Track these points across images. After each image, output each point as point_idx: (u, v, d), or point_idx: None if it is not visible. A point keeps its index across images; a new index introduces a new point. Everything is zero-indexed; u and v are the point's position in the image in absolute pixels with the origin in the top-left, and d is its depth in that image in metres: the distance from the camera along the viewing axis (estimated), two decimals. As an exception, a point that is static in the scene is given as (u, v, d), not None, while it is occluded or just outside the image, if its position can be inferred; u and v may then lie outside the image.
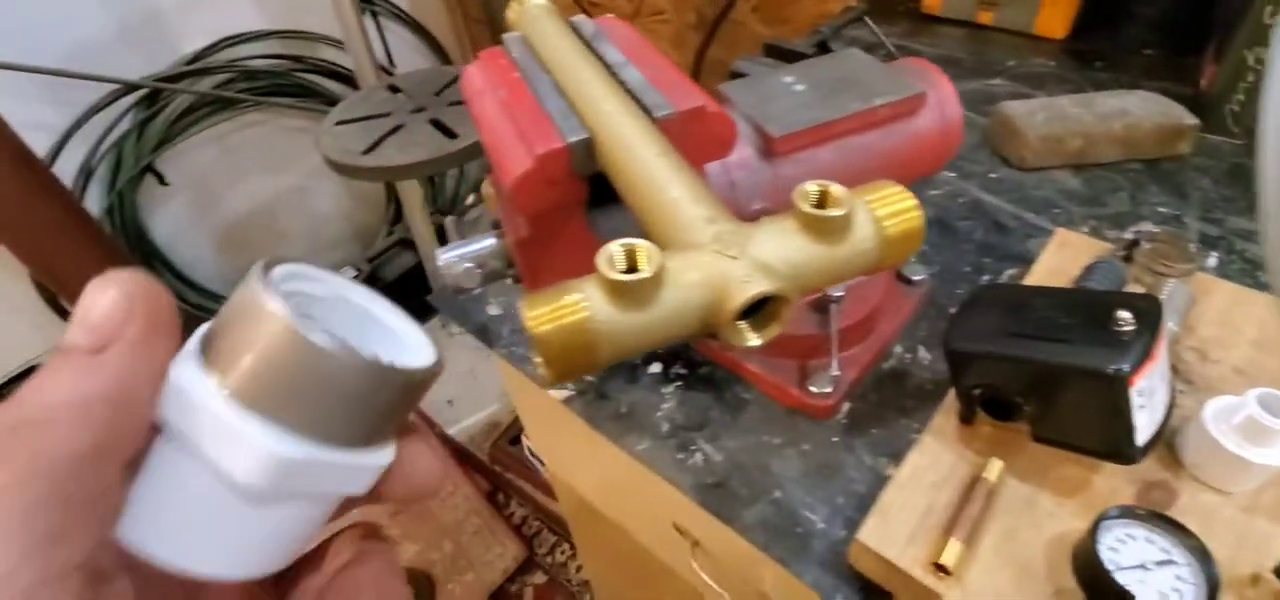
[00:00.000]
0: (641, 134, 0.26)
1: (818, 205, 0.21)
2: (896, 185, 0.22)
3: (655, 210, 0.23)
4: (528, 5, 0.37)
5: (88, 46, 1.37)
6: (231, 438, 0.15)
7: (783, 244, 0.21)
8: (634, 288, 0.19)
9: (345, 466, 0.16)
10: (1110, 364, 0.30)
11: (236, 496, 0.15)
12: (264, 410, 0.15)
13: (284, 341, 0.15)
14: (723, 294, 0.20)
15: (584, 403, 0.49)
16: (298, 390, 0.15)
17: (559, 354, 0.19)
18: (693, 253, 0.21)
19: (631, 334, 0.20)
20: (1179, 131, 0.61)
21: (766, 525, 0.41)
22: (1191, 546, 0.31)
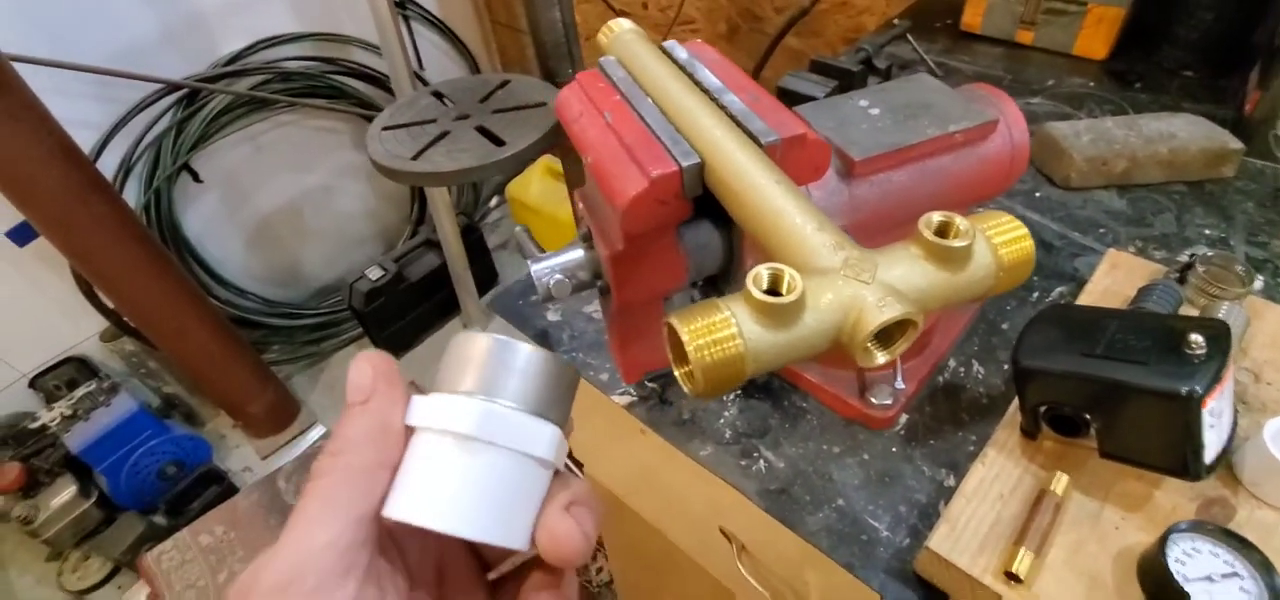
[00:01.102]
0: (754, 161, 0.28)
1: (938, 234, 0.23)
2: (1009, 216, 0.24)
3: (780, 234, 0.25)
4: (619, 31, 0.38)
5: (132, 47, 1.40)
6: (455, 408, 0.21)
7: (909, 270, 0.23)
8: (779, 309, 0.21)
9: (532, 426, 0.21)
10: (1185, 386, 0.32)
11: (462, 447, 0.20)
12: (474, 389, 0.21)
13: (474, 347, 0.21)
14: (858, 317, 0.21)
15: (647, 408, 0.51)
16: (489, 373, 0.21)
17: (712, 368, 0.21)
18: (825, 277, 0.23)
19: (773, 351, 0.22)
20: (1224, 155, 0.62)
21: (831, 531, 0.42)
22: (1256, 560, 0.32)
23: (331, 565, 0.19)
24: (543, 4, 0.99)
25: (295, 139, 1.73)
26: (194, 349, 1.50)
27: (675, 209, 0.31)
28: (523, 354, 0.21)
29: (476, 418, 0.20)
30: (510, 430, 0.21)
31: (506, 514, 0.21)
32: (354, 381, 0.22)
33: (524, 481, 0.21)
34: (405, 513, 0.20)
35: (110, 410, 1.50)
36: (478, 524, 0.20)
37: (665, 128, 0.32)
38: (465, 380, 0.21)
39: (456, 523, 0.20)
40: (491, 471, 0.20)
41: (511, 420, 0.21)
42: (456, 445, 0.20)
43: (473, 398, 0.21)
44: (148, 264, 1.35)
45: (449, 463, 0.20)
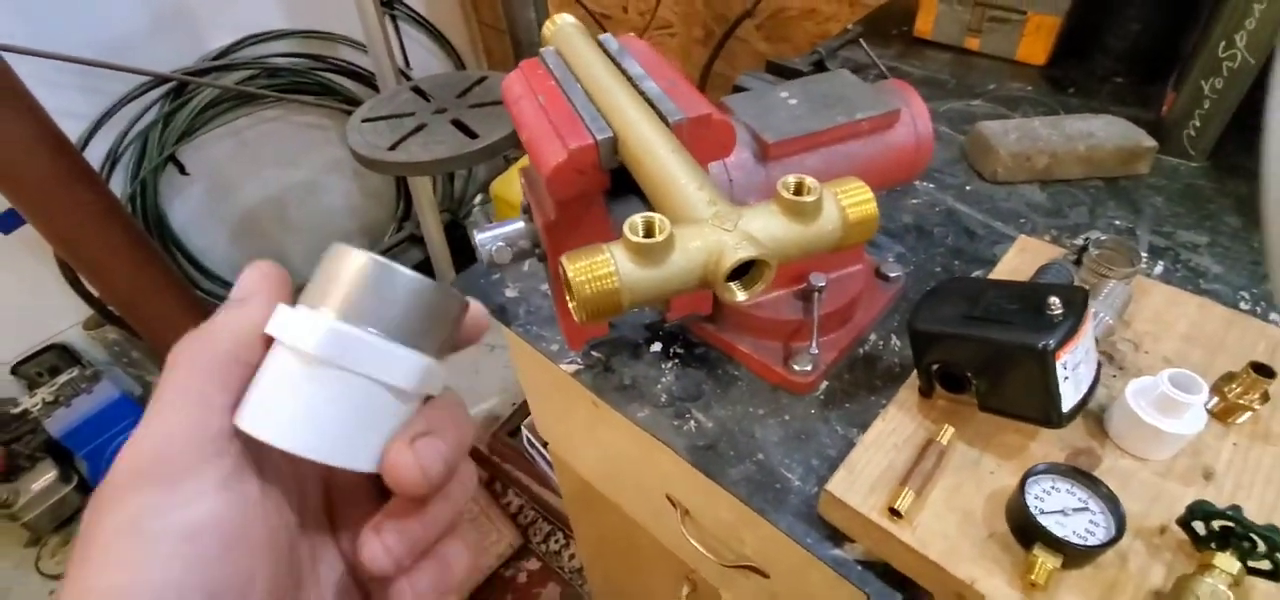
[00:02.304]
0: (657, 134, 0.32)
1: (795, 192, 0.27)
2: (858, 180, 0.29)
3: (668, 194, 0.29)
4: (561, 25, 0.43)
5: (120, 39, 1.43)
6: (304, 324, 0.20)
7: (767, 222, 0.27)
8: (650, 248, 0.25)
9: (391, 353, 0.21)
10: (1040, 340, 0.36)
11: (309, 366, 0.20)
12: (335, 311, 0.20)
13: (346, 264, 0.21)
14: (718, 257, 0.26)
15: (592, 375, 0.55)
16: (355, 294, 0.20)
17: (591, 298, 0.25)
18: (696, 225, 0.27)
19: (647, 285, 0.26)
20: (1138, 153, 0.67)
21: (749, 481, 0.46)
22: (1103, 494, 0.37)
23: (197, 448, 0.19)
24: (519, 4, 1.04)
25: (281, 134, 1.77)
26: (178, 338, 1.52)
27: (594, 178, 0.35)
28: (392, 275, 0.21)
29: (322, 338, 0.20)
30: (359, 354, 0.20)
31: (347, 437, 0.20)
32: (241, 281, 0.22)
33: (372, 406, 0.21)
34: (246, 423, 0.20)
35: (92, 397, 1.52)
36: (315, 444, 0.20)
37: (588, 108, 0.36)
38: (328, 298, 0.20)
39: (293, 441, 0.20)
40: (334, 393, 0.20)
41: (363, 343, 0.20)
42: (301, 364, 0.20)
43: (325, 316, 0.20)
44: (133, 253, 1.37)
45: (292, 380, 0.20)
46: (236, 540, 0.19)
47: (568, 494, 1.01)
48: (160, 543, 0.18)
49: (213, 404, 0.20)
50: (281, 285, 0.23)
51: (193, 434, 0.19)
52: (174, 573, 0.17)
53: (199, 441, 0.19)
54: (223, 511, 0.19)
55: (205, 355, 0.20)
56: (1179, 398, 0.38)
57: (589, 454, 0.81)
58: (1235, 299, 0.54)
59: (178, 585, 0.17)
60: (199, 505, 0.18)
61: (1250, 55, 0.61)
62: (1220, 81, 0.65)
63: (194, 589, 0.18)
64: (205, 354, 0.20)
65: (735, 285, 0.27)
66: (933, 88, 0.86)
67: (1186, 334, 0.47)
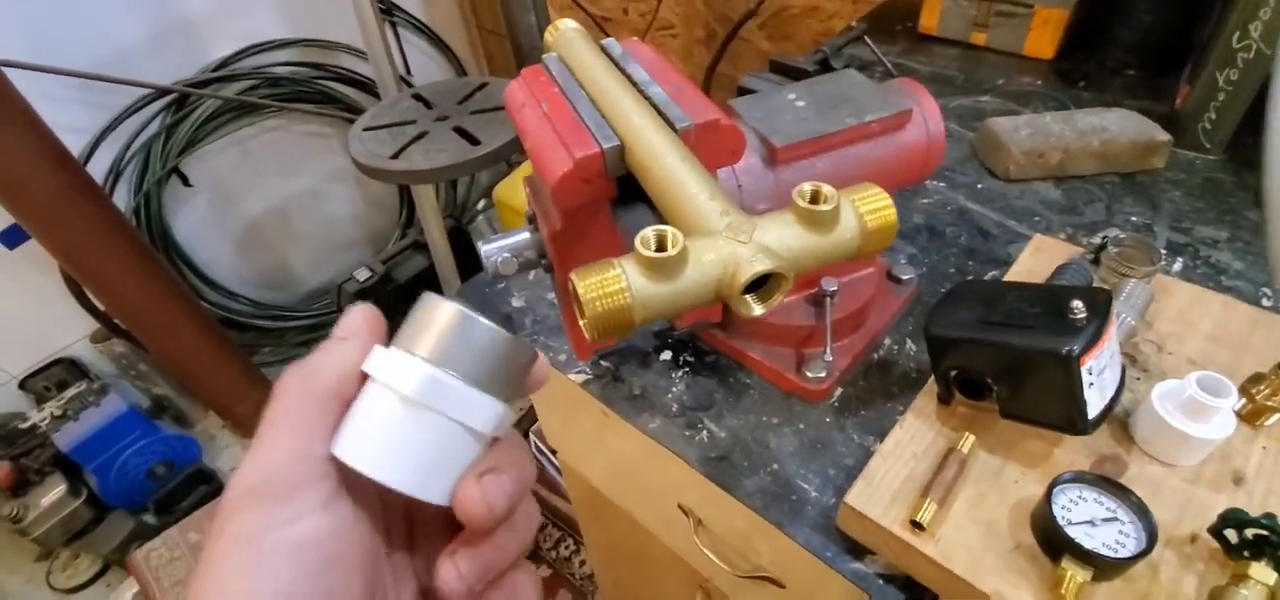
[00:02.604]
0: (666, 142, 0.31)
1: (811, 201, 0.26)
2: (876, 187, 0.27)
3: (678, 203, 0.28)
4: (563, 30, 0.42)
5: (121, 53, 1.43)
6: (401, 368, 0.22)
7: (782, 232, 0.26)
8: (663, 263, 0.24)
9: (476, 400, 0.23)
10: (1063, 346, 0.35)
11: (403, 406, 0.22)
12: (427, 357, 0.22)
13: (438, 313, 0.23)
14: (734, 271, 0.25)
15: (601, 385, 0.54)
16: (444, 342, 0.22)
17: (603, 315, 0.24)
18: (709, 237, 0.26)
19: (660, 300, 0.25)
20: (1153, 147, 0.66)
21: (764, 493, 0.45)
22: (1133, 504, 0.36)
23: (301, 473, 0.21)
24: (519, 9, 1.03)
25: (283, 143, 1.77)
26: (184, 350, 1.53)
27: (600, 187, 0.34)
28: (478, 328, 0.22)
29: (418, 382, 0.22)
30: (448, 399, 0.22)
31: (429, 472, 0.22)
32: (343, 321, 0.24)
33: (453, 446, 0.23)
34: (343, 452, 0.22)
35: (100, 410, 1.52)
36: (401, 477, 0.22)
37: (593, 115, 0.35)
38: (420, 343, 0.22)
39: (383, 472, 0.21)
40: (422, 431, 0.22)
41: (452, 390, 0.22)
42: (396, 403, 0.22)
43: (420, 361, 0.22)
44: (138, 266, 1.37)
45: (386, 417, 0.22)
46: (336, 556, 0.21)
47: (577, 501, 1.00)
48: (272, 555, 0.20)
49: (316, 432, 0.22)
50: (378, 327, 0.25)
51: (298, 458, 0.21)
52: (283, 582, 0.20)
53: (304, 465, 0.21)
54: (325, 529, 0.21)
55: (309, 387, 0.23)
56: (1207, 402, 0.37)
57: (598, 462, 0.80)
58: (1257, 295, 0.52)
59: (287, 593, 0.20)
60: (305, 522, 0.21)
61: (1266, 45, 0.60)
62: (1235, 73, 0.63)
63: (300, 597, 0.20)
64: (309, 386, 0.23)
65: (751, 298, 0.26)
66: (940, 84, 0.84)
67: (1211, 334, 0.46)
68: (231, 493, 0.21)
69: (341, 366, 0.23)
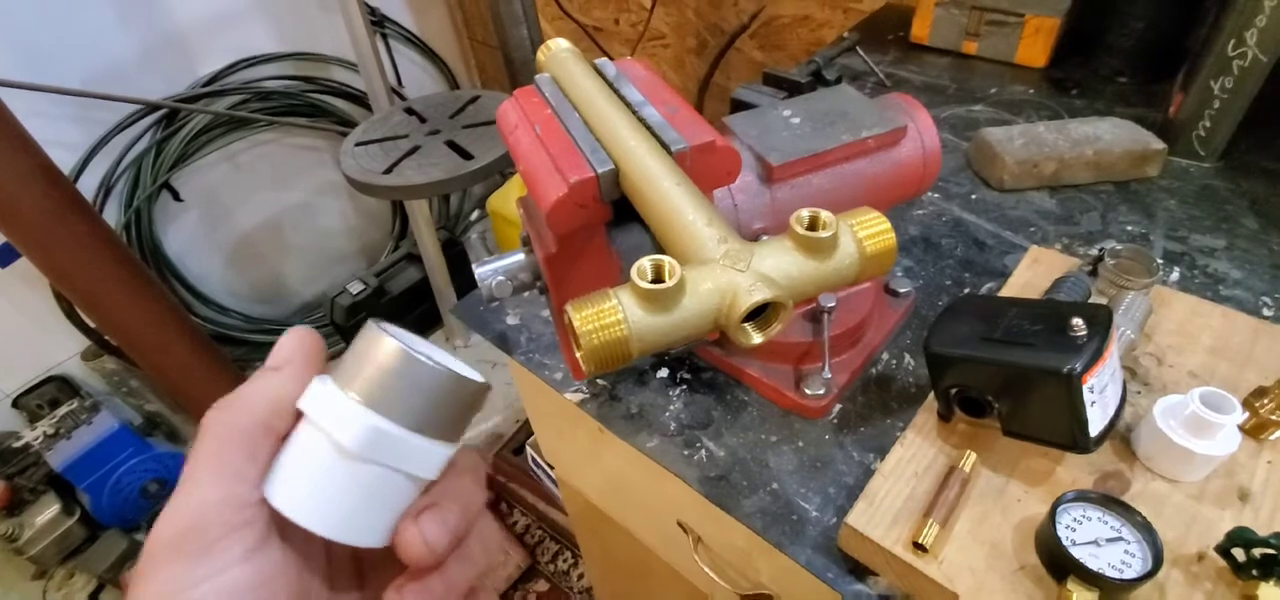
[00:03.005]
0: (661, 165, 0.31)
1: (809, 228, 0.26)
2: (875, 211, 0.27)
3: (674, 230, 0.28)
4: (555, 50, 0.41)
5: (111, 69, 1.42)
6: (339, 414, 0.21)
7: (780, 259, 0.26)
8: (660, 295, 0.24)
9: (419, 448, 0.21)
10: (1065, 364, 0.35)
11: (341, 457, 0.21)
12: (367, 400, 0.21)
13: (380, 350, 0.21)
14: (732, 300, 0.24)
15: (597, 404, 0.53)
16: (387, 384, 0.21)
17: (599, 349, 0.24)
18: (707, 266, 0.25)
19: (657, 333, 0.24)
20: (1147, 155, 0.66)
21: (764, 513, 0.45)
22: (1138, 523, 0.35)
23: (224, 521, 0.20)
24: (510, 22, 1.03)
25: (275, 157, 1.76)
26: (175, 367, 1.51)
27: (595, 211, 0.34)
28: (422, 370, 0.21)
29: (358, 432, 0.20)
30: (389, 450, 0.21)
31: (366, 519, 0.21)
32: (277, 349, 0.23)
33: (391, 492, 0.22)
34: (274, 499, 0.21)
35: (92, 428, 1.51)
36: (336, 526, 0.21)
37: (587, 138, 0.35)
38: (359, 383, 0.21)
39: (316, 521, 0.21)
40: (359, 482, 0.21)
41: (394, 440, 0.21)
42: (333, 451, 0.21)
43: (359, 408, 0.20)
44: (129, 283, 1.36)
45: (322, 465, 0.21)
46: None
47: (574, 516, 1.00)
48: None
49: (243, 476, 0.21)
50: (316, 354, 0.23)
51: (223, 505, 0.20)
52: None
53: (226, 511, 0.20)
54: (249, 579, 0.20)
55: (236, 423, 0.21)
56: (1211, 418, 0.36)
57: (596, 478, 0.79)
58: (1257, 305, 0.52)
59: None
60: (228, 575, 0.20)
61: (1262, 53, 0.60)
62: (1230, 80, 0.63)
63: None
64: (236, 421, 0.21)
65: (750, 327, 0.25)
66: (932, 94, 0.84)
67: (1211, 346, 0.46)
68: (152, 545, 0.20)
69: (272, 400, 0.22)
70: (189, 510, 0.20)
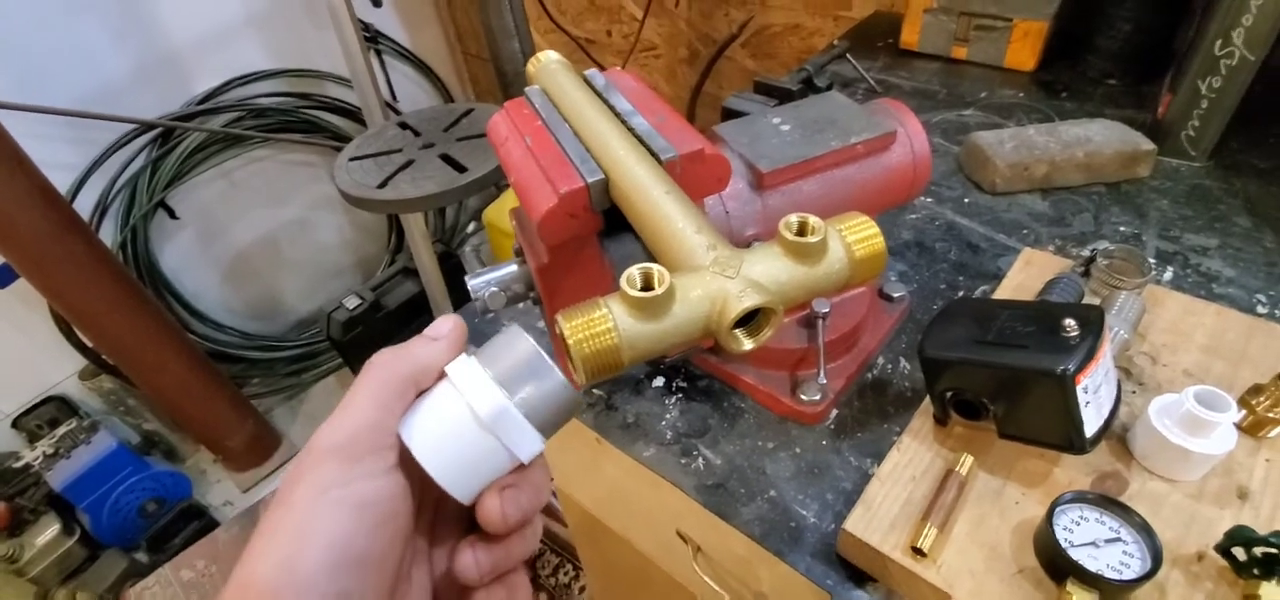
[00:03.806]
0: (650, 174, 0.31)
1: (798, 233, 0.26)
2: (863, 216, 0.27)
3: (664, 238, 0.28)
4: (545, 62, 0.42)
5: (106, 89, 1.43)
6: (482, 390, 0.25)
7: (770, 265, 0.26)
8: (650, 303, 0.24)
9: (528, 434, 0.25)
10: (1059, 365, 0.35)
11: (470, 420, 0.25)
12: (501, 383, 0.25)
13: (520, 348, 0.26)
14: (722, 307, 0.24)
15: (594, 414, 0.53)
16: (520, 380, 0.25)
17: (591, 357, 0.24)
18: (696, 273, 0.25)
19: (648, 340, 0.24)
20: (1138, 156, 0.66)
21: (763, 521, 0.45)
22: (1136, 524, 0.35)
23: (375, 440, 0.24)
24: (502, 35, 1.03)
25: (270, 173, 1.76)
26: (173, 385, 1.51)
27: (586, 221, 0.34)
28: (550, 375, 0.25)
29: (492, 408, 0.25)
30: (509, 429, 0.25)
31: (467, 476, 0.25)
32: (436, 324, 0.28)
33: (494, 461, 0.25)
34: (408, 437, 0.25)
35: (91, 448, 1.51)
36: (444, 472, 0.25)
37: (577, 149, 0.35)
38: (497, 366, 0.25)
39: (434, 465, 0.24)
40: (476, 446, 0.25)
41: (516, 423, 0.25)
42: (467, 414, 0.25)
43: (499, 389, 0.25)
44: (125, 301, 1.36)
45: (452, 421, 0.25)
46: (390, 516, 0.24)
47: (574, 527, 0.99)
48: (342, 504, 0.23)
49: (393, 410, 0.25)
50: (463, 337, 0.28)
51: (375, 429, 0.25)
52: (347, 528, 0.23)
53: (378, 434, 0.25)
54: (385, 491, 0.24)
55: (396, 368, 0.26)
56: (1207, 416, 0.36)
57: (595, 489, 0.79)
58: (1251, 303, 0.52)
59: (349, 537, 0.23)
60: (373, 482, 0.24)
61: (1249, 52, 0.60)
62: (1218, 80, 0.64)
63: (356, 546, 0.23)
64: (396, 367, 0.26)
65: (741, 333, 0.25)
66: (923, 99, 0.85)
67: (1205, 345, 0.46)
68: (318, 443, 0.24)
69: (427, 361, 0.26)
70: (351, 425, 0.24)
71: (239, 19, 1.58)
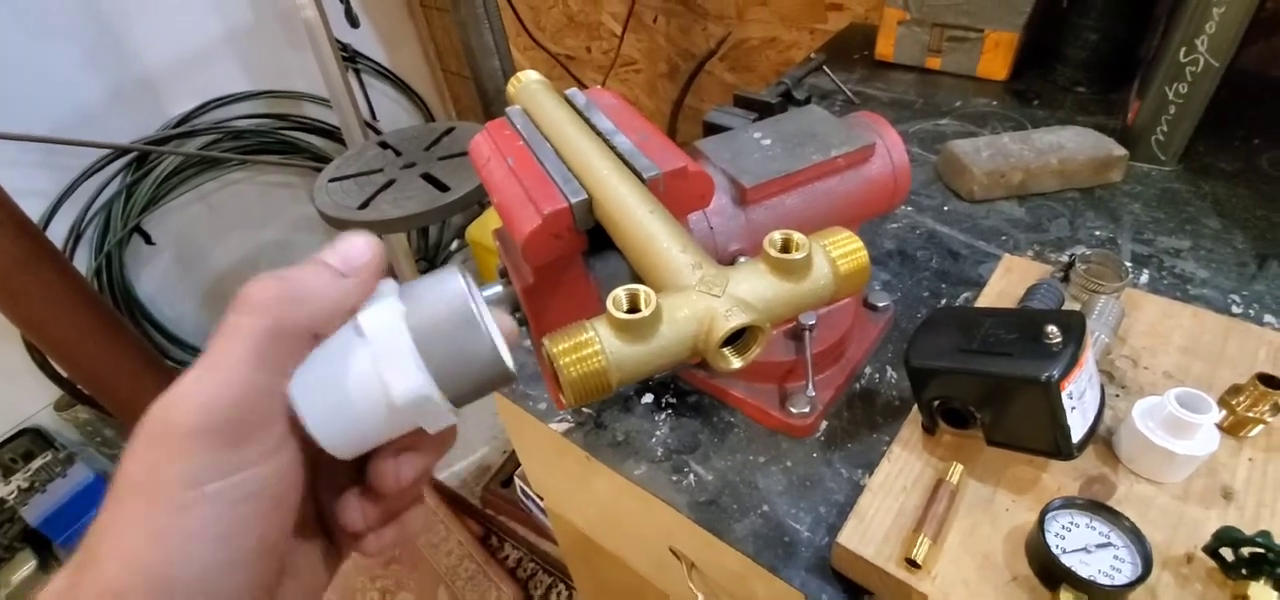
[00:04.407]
0: (633, 193, 0.31)
1: (782, 250, 0.26)
2: (847, 230, 0.27)
3: (649, 258, 0.27)
4: (525, 82, 0.41)
5: (80, 113, 1.40)
6: (403, 369, 0.21)
7: (755, 283, 0.25)
8: (637, 324, 0.24)
9: (443, 412, 0.22)
10: (1043, 372, 0.35)
11: (381, 398, 0.21)
12: (424, 354, 0.21)
13: (455, 311, 0.21)
14: (709, 326, 0.24)
15: (583, 433, 0.53)
16: (447, 351, 0.21)
17: (578, 381, 0.23)
18: (683, 293, 0.25)
19: (636, 362, 0.24)
20: (1110, 162, 0.67)
21: (756, 536, 0.44)
22: (1126, 528, 0.35)
23: (259, 412, 0.20)
24: (482, 53, 1.03)
25: (248, 196, 1.74)
26: (149, 415, 1.47)
27: (570, 241, 0.34)
28: (481, 347, 0.21)
29: (410, 394, 0.21)
30: (426, 414, 0.21)
31: (365, 441, 0.22)
32: (344, 249, 0.22)
33: (397, 430, 0.23)
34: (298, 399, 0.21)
35: (67, 481, 1.47)
36: (342, 442, 0.21)
37: (559, 169, 0.35)
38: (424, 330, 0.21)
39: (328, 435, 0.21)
40: (385, 421, 0.22)
41: (435, 408, 0.21)
42: (378, 389, 0.21)
43: (419, 369, 0.21)
44: (100, 330, 1.33)
45: (360, 393, 0.21)
46: (281, 498, 0.20)
47: (566, 547, 0.98)
48: (219, 501, 0.18)
49: (283, 370, 0.20)
50: (381, 269, 0.23)
51: (259, 392, 0.20)
52: (226, 528, 0.19)
53: (263, 401, 0.20)
54: (275, 472, 0.20)
55: (292, 320, 0.20)
56: (1188, 418, 0.37)
57: (586, 508, 0.78)
58: (1226, 304, 0.53)
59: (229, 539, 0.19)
60: (256, 469, 0.19)
61: (1213, 58, 0.62)
62: (1184, 86, 0.65)
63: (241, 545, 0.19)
64: (293, 319, 0.20)
65: (729, 351, 0.25)
66: (900, 109, 0.86)
67: (1184, 346, 0.47)
68: (183, 418, 0.19)
69: (333, 303, 0.21)
70: (230, 397, 0.19)
71: (215, 40, 1.57)
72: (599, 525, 0.78)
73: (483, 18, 1.05)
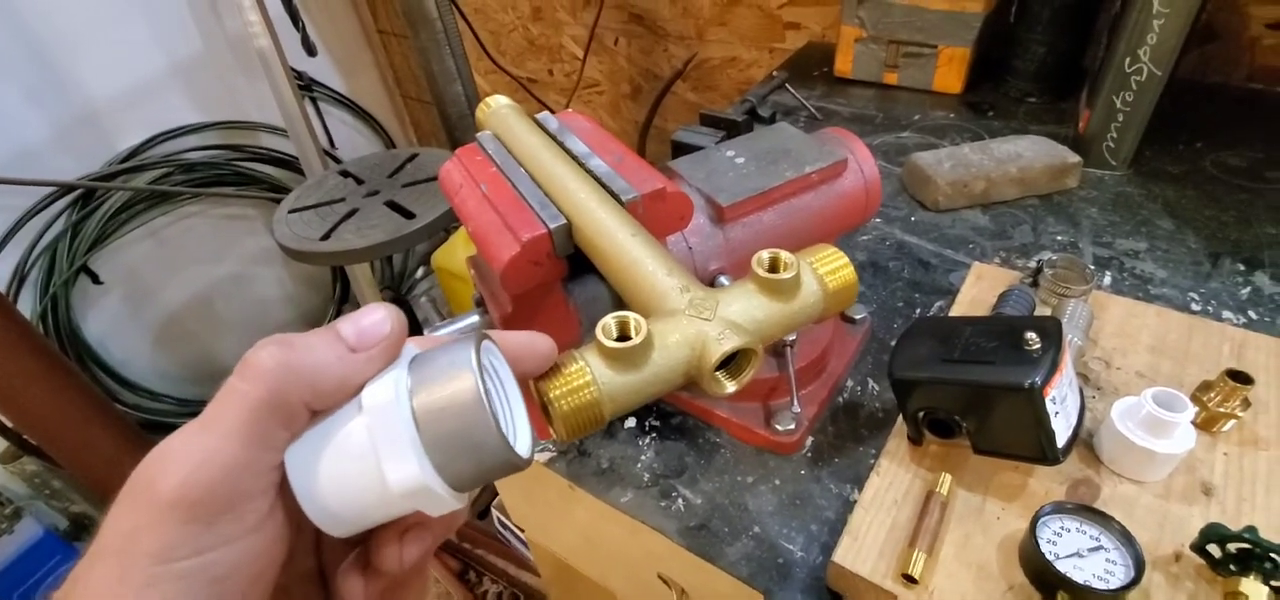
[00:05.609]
0: (614, 217, 0.30)
1: (770, 269, 0.25)
2: (832, 247, 0.27)
3: (634, 283, 0.27)
4: (495, 107, 0.40)
5: (22, 151, 1.34)
6: (403, 457, 0.19)
7: (746, 304, 0.25)
8: (628, 353, 0.23)
9: (444, 502, 0.20)
10: (1026, 379, 0.35)
11: (380, 482, 0.20)
12: (428, 442, 0.19)
13: (465, 402, 0.19)
14: (702, 351, 0.23)
15: (566, 462, 0.51)
16: (452, 444, 0.20)
17: (570, 415, 0.22)
18: (672, 318, 0.24)
19: (628, 392, 0.23)
20: (1065, 169, 0.69)
21: (749, 559, 0.43)
22: (1116, 531, 0.36)
23: (248, 485, 0.19)
24: (444, 79, 1.02)
25: (201, 230, 1.67)
26: (101, 462, 1.39)
27: (550, 268, 0.33)
28: (491, 441, 0.19)
29: (408, 483, 0.19)
30: (425, 500, 0.20)
31: (363, 523, 0.21)
32: (365, 326, 0.21)
33: (398, 513, 0.21)
34: (293, 474, 0.20)
35: (15, 537, 1.39)
36: (337, 523, 0.20)
37: (536, 194, 0.34)
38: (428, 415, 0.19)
39: (323, 516, 0.20)
40: (383, 504, 0.20)
41: (437, 496, 0.20)
42: (376, 473, 0.19)
43: (420, 460, 0.19)
44: (46, 376, 1.26)
45: (357, 474, 0.20)
46: (257, 577, 0.19)
47: (548, 578, 0.95)
48: (185, 581, 0.18)
49: (276, 444, 0.19)
50: (398, 346, 0.22)
51: (247, 470, 0.19)
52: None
53: (247, 477, 0.19)
54: (253, 549, 0.19)
55: (292, 393, 0.19)
56: (1165, 416, 0.38)
57: (569, 537, 0.76)
58: (1186, 302, 0.55)
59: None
60: (234, 547, 0.18)
61: (1156, 67, 0.65)
62: (1130, 95, 0.68)
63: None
64: (293, 392, 0.19)
65: (722, 375, 0.24)
66: (862, 123, 0.88)
67: (1151, 345, 0.48)
68: (161, 486, 0.18)
69: (337, 381, 0.20)
70: (212, 471, 0.18)
71: (163, 72, 1.51)
72: (583, 554, 0.76)
73: (444, 44, 1.03)
